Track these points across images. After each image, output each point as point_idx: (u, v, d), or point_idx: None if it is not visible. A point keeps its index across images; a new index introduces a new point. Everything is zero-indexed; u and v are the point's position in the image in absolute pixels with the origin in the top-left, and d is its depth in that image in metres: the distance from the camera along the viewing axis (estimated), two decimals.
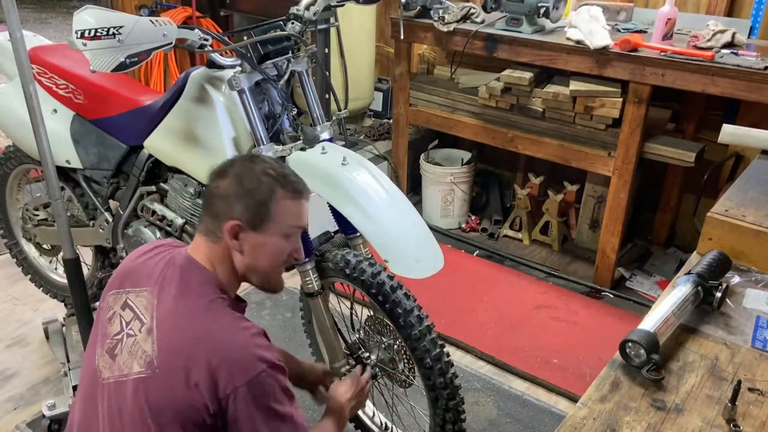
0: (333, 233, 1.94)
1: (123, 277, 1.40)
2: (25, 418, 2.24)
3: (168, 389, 1.21)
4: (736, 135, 2.07)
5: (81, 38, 1.40)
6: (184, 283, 1.31)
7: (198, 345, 1.22)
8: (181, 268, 1.33)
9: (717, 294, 1.30)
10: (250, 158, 1.40)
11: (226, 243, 1.32)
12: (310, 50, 1.83)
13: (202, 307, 1.28)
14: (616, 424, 1.03)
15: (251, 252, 1.34)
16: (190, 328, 1.25)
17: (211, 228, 1.34)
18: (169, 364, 1.23)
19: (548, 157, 3.07)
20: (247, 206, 1.31)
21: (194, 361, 1.20)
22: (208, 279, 1.32)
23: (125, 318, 1.33)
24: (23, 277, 2.73)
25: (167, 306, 1.29)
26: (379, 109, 4.15)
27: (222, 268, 1.35)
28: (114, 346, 1.31)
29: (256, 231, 1.32)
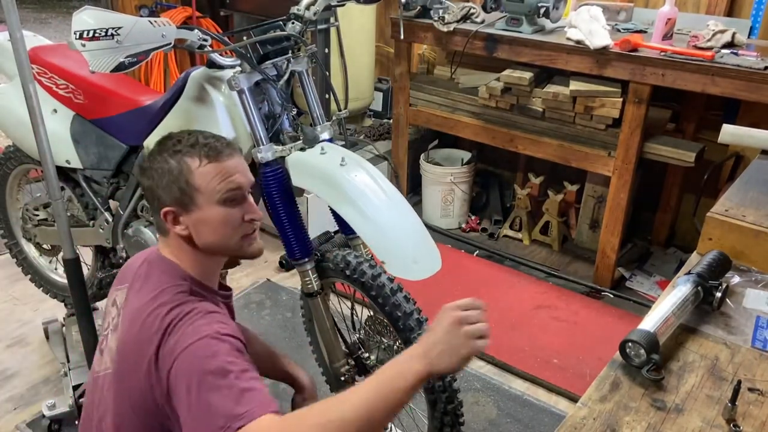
0: (333, 233, 1.94)
1: (118, 276, 1.44)
2: (25, 418, 2.24)
3: (127, 383, 1.23)
4: (736, 135, 2.07)
5: (80, 39, 1.40)
6: (147, 277, 1.31)
7: (143, 333, 1.20)
8: (149, 263, 1.35)
9: (717, 294, 1.30)
10: (159, 144, 1.34)
11: (173, 232, 1.30)
12: (310, 50, 1.83)
13: (154, 297, 1.25)
14: (616, 424, 1.03)
15: (199, 231, 1.29)
16: (138, 320, 1.23)
17: (157, 224, 1.35)
18: (123, 359, 1.25)
19: (548, 157, 3.07)
20: (168, 190, 1.28)
21: (142, 351, 1.19)
22: (169, 269, 1.31)
23: (111, 315, 1.37)
24: (23, 277, 2.72)
25: (130, 301, 1.31)
26: (379, 109, 4.15)
27: (185, 256, 1.32)
28: (102, 342, 1.37)
29: (190, 210, 1.28)
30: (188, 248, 1.32)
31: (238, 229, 1.32)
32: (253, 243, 1.37)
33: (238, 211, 1.31)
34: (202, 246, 1.31)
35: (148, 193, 1.33)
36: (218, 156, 1.30)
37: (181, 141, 1.31)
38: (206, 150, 1.29)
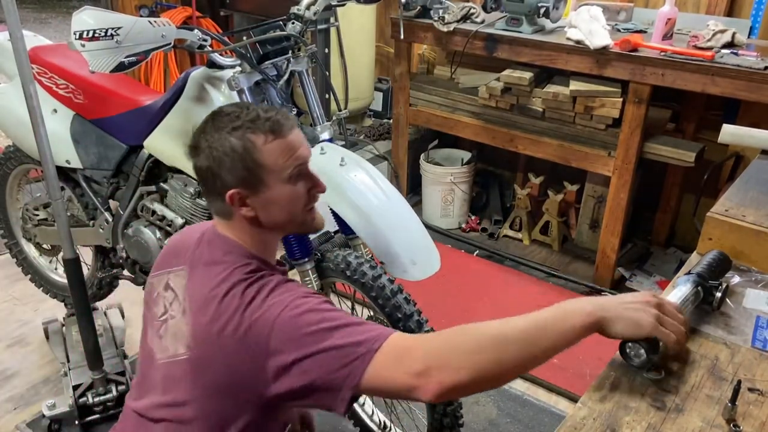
0: (333, 233, 1.94)
1: (165, 258, 1.36)
2: (25, 418, 2.24)
3: (209, 367, 1.16)
4: (736, 135, 2.07)
5: (79, 39, 1.40)
6: (209, 257, 1.24)
7: (223, 315, 1.15)
8: (208, 243, 1.27)
9: (717, 294, 1.30)
10: (213, 120, 1.25)
11: (239, 215, 1.23)
12: (310, 50, 1.83)
13: (224, 279, 1.19)
14: (616, 424, 1.03)
15: (267, 211, 1.23)
16: (212, 303, 1.17)
17: (219, 208, 1.25)
18: (201, 343, 1.17)
19: (548, 157, 3.07)
20: (232, 170, 1.19)
21: (224, 332, 1.13)
22: (232, 248, 1.24)
23: (168, 299, 1.29)
24: (23, 277, 2.73)
25: (195, 284, 1.24)
26: (379, 109, 4.15)
27: (248, 237, 1.25)
28: (160, 327, 1.28)
29: (258, 190, 1.21)
30: (252, 228, 1.25)
31: (307, 203, 1.27)
32: (315, 216, 1.31)
33: (303, 186, 1.25)
34: (267, 225, 1.25)
35: (206, 174, 1.23)
36: (282, 130, 1.22)
37: (239, 116, 1.22)
38: (269, 124, 1.21)
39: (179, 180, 1.96)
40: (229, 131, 1.20)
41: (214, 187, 1.23)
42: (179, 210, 1.98)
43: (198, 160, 1.24)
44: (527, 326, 1.05)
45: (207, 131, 1.23)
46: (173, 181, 1.98)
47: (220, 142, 1.20)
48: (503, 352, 1.02)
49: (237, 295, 1.15)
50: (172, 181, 1.98)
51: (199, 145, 1.23)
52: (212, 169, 1.21)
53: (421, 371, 1.00)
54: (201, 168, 1.24)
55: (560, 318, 1.05)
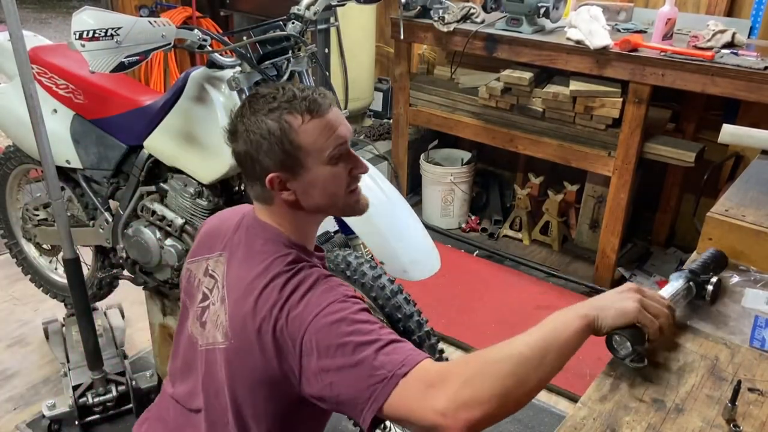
0: (333, 233, 1.94)
1: (202, 243, 1.34)
2: (25, 418, 2.24)
3: (245, 359, 1.14)
4: (736, 135, 2.07)
5: (79, 39, 1.40)
6: (249, 245, 1.21)
7: (262, 307, 1.12)
8: (247, 229, 1.24)
9: (708, 287, 1.30)
10: (249, 101, 1.21)
11: (280, 199, 1.19)
12: (310, 50, 1.83)
13: (264, 269, 1.16)
14: (616, 424, 1.03)
15: (308, 194, 1.18)
16: (251, 294, 1.14)
17: (259, 193, 1.21)
18: (239, 334, 1.15)
19: (548, 157, 3.07)
20: (270, 153, 1.15)
21: (262, 327, 1.11)
22: (272, 236, 1.20)
23: (208, 286, 1.26)
24: (23, 277, 2.72)
25: (234, 272, 1.21)
26: (379, 109, 4.15)
27: (288, 222, 1.21)
28: (202, 314, 1.26)
29: (298, 173, 1.16)
30: (292, 213, 1.21)
31: (349, 183, 1.21)
32: (359, 198, 1.26)
33: (344, 167, 1.20)
34: (309, 208, 1.21)
35: (244, 159, 1.18)
36: (320, 109, 1.16)
37: (275, 97, 1.17)
38: (306, 104, 1.16)
39: (179, 180, 1.96)
40: (266, 113, 1.16)
41: (253, 172, 1.19)
42: (179, 210, 1.98)
43: (236, 145, 1.19)
44: (537, 342, 1.03)
45: (244, 115, 1.19)
46: (173, 181, 1.98)
47: (256, 125, 1.16)
48: (524, 373, 1.00)
49: (276, 288, 1.12)
50: (172, 181, 1.98)
51: (236, 130, 1.19)
52: (250, 154, 1.17)
53: (447, 410, 0.96)
54: (239, 153, 1.19)
55: (561, 328, 1.05)
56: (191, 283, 1.32)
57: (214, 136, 1.80)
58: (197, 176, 1.89)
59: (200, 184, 1.91)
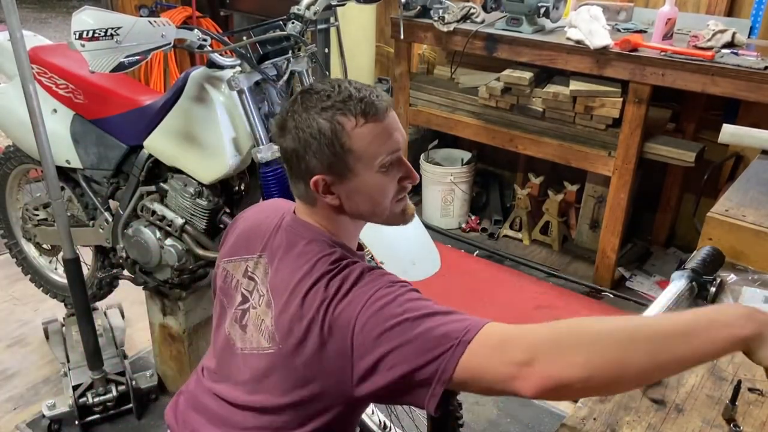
0: None
1: (236, 244, 1.29)
2: (25, 418, 2.24)
3: (292, 363, 1.10)
4: (736, 135, 2.07)
5: (79, 39, 1.40)
6: (290, 247, 1.16)
7: (306, 311, 1.07)
8: (287, 230, 1.19)
9: (711, 289, 1.31)
10: (302, 98, 1.13)
11: (323, 202, 1.14)
12: (310, 50, 1.83)
13: (309, 270, 1.11)
14: (616, 424, 1.03)
15: (353, 200, 1.13)
16: (296, 296, 1.10)
17: (302, 192, 1.16)
18: (286, 338, 1.10)
19: (548, 157, 3.07)
20: (319, 154, 1.09)
21: (309, 328, 1.06)
22: (315, 236, 1.16)
23: (248, 288, 1.22)
24: (23, 277, 2.72)
25: (278, 275, 1.16)
26: None
27: (330, 224, 1.17)
28: (242, 317, 1.21)
29: (345, 177, 1.11)
30: (335, 216, 1.16)
31: (397, 192, 1.16)
32: (407, 208, 1.20)
33: (395, 175, 1.13)
34: (353, 214, 1.16)
35: (291, 157, 1.13)
36: (376, 113, 1.09)
37: (330, 95, 1.10)
38: (362, 106, 1.08)
39: (179, 180, 1.96)
40: (318, 111, 1.09)
41: (298, 171, 1.13)
42: (179, 210, 1.98)
43: (284, 141, 1.13)
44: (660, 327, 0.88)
45: (295, 110, 1.12)
46: (173, 181, 1.98)
47: (307, 123, 1.09)
48: (628, 352, 0.85)
49: (321, 288, 1.08)
50: (172, 181, 1.98)
51: (285, 125, 1.13)
52: (298, 152, 1.11)
53: (524, 360, 0.87)
54: (286, 149, 1.13)
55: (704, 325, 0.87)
56: (228, 284, 1.27)
57: (214, 136, 1.80)
58: (197, 176, 1.89)
59: (200, 184, 1.91)
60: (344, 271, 1.09)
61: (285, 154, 1.15)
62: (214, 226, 1.97)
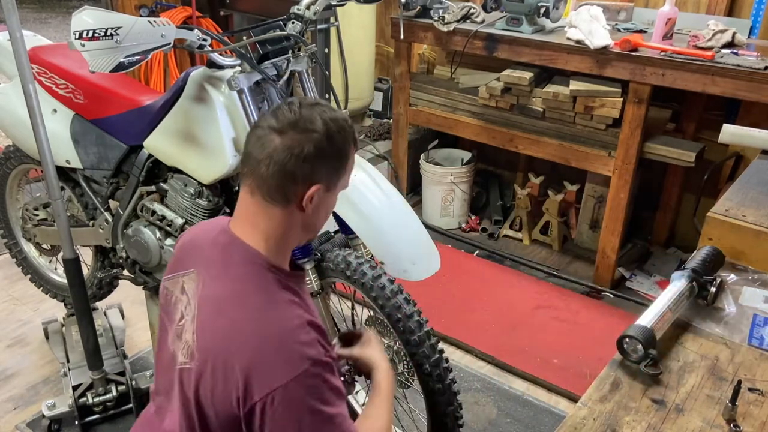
0: (333, 233, 1.94)
1: (175, 261, 1.31)
2: (25, 418, 2.24)
3: (207, 382, 1.12)
4: (736, 135, 2.07)
5: (79, 39, 1.40)
6: (223, 264, 1.18)
7: (233, 338, 1.10)
8: (223, 247, 1.20)
9: (711, 289, 1.31)
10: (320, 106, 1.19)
11: (295, 206, 1.15)
12: (310, 50, 1.83)
13: (239, 292, 1.14)
14: (616, 424, 1.03)
15: (318, 214, 1.20)
16: (222, 317, 1.12)
17: (281, 191, 1.14)
18: (205, 358, 1.12)
19: (548, 157, 3.07)
20: (332, 167, 1.16)
21: (228, 357, 1.09)
22: (251, 257, 1.17)
23: (183, 303, 1.24)
24: (23, 277, 2.72)
25: (206, 291, 1.18)
26: (379, 109, 4.15)
27: (279, 234, 1.18)
28: (180, 333, 1.23)
29: (329, 191, 1.18)
30: (291, 230, 1.19)
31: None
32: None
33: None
34: (303, 225, 1.20)
35: (302, 162, 1.13)
36: (357, 145, 1.23)
37: (347, 119, 1.20)
38: (354, 137, 1.21)
39: (179, 180, 1.96)
40: (337, 130, 1.18)
41: (300, 172, 1.14)
42: (179, 210, 1.98)
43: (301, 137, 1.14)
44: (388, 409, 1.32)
45: (323, 115, 1.18)
46: (173, 181, 1.98)
47: (339, 134, 1.17)
48: None
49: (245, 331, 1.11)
50: (172, 181, 1.98)
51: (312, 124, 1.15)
52: (315, 156, 1.14)
53: None
54: (301, 146, 1.14)
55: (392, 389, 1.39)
56: (169, 301, 1.29)
57: (214, 136, 1.80)
58: (197, 176, 1.89)
59: (200, 184, 1.91)
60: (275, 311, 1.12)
61: (287, 150, 1.12)
62: None
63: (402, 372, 1.79)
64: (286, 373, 1.06)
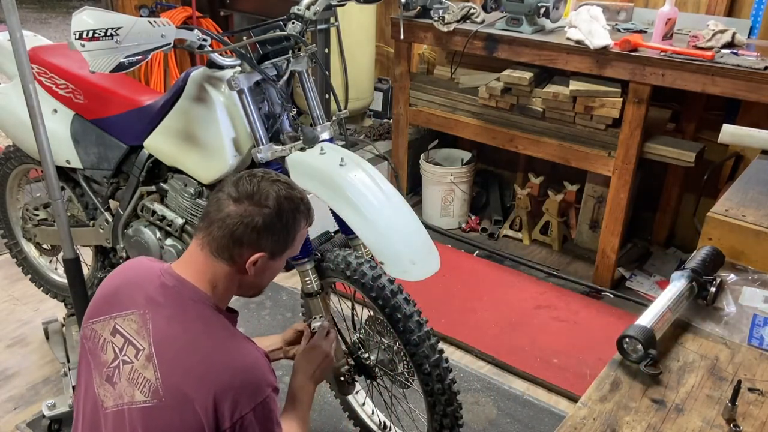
0: (333, 233, 1.94)
1: (103, 303, 1.34)
2: (25, 418, 2.24)
3: (172, 418, 1.19)
4: (736, 135, 2.07)
5: (79, 39, 1.40)
6: (177, 304, 1.27)
7: (203, 371, 1.20)
8: (173, 289, 1.28)
9: (711, 289, 1.31)
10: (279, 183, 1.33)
11: (239, 267, 1.29)
12: (310, 50, 1.83)
13: (202, 331, 1.25)
14: (616, 424, 1.03)
15: (260, 275, 1.34)
16: (193, 354, 1.22)
17: (227, 251, 1.28)
18: (174, 392, 1.19)
19: (548, 157, 3.07)
20: (277, 240, 1.30)
21: (200, 388, 1.18)
22: (201, 298, 1.28)
23: (117, 344, 1.28)
24: (23, 277, 2.73)
25: (163, 330, 1.24)
26: (379, 109, 4.15)
27: (223, 285, 1.31)
28: (112, 375, 1.27)
29: (273, 259, 1.32)
30: (233, 284, 1.32)
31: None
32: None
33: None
34: (248, 284, 1.35)
35: (249, 230, 1.27)
36: (310, 222, 1.39)
37: (303, 199, 1.35)
38: (312, 214, 1.38)
39: (179, 180, 1.96)
40: (297, 209, 1.33)
41: (246, 238, 1.28)
42: (179, 210, 1.98)
43: (252, 209, 1.28)
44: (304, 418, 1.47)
45: (274, 191, 1.31)
46: (173, 181, 1.98)
47: (288, 211, 1.31)
48: None
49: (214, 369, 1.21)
50: (172, 181, 1.98)
51: (263, 198, 1.29)
52: (256, 225, 1.28)
53: None
54: (251, 215, 1.27)
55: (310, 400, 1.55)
56: (95, 344, 1.31)
57: (214, 136, 1.80)
58: (197, 176, 1.89)
59: (200, 184, 1.91)
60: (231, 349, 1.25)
61: (244, 218, 1.26)
62: None
63: (402, 372, 1.79)
64: (254, 399, 1.20)
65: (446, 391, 1.69)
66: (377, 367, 1.85)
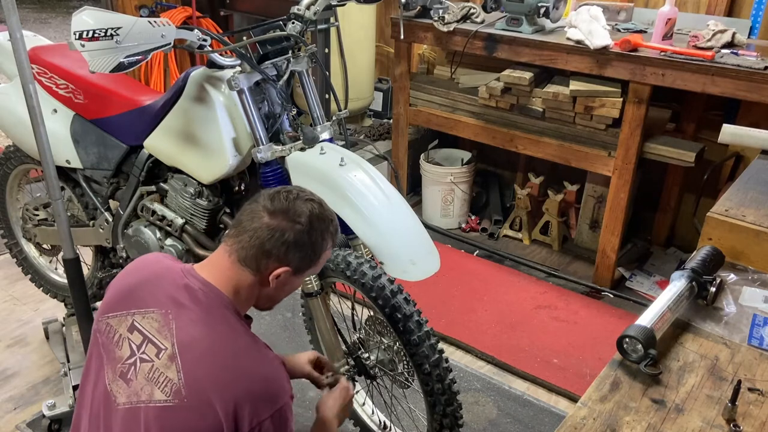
0: None
1: (120, 298, 1.34)
2: (25, 418, 2.24)
3: (191, 419, 1.20)
4: (736, 135, 2.07)
5: (79, 39, 1.40)
6: (202, 307, 1.28)
7: (227, 375, 1.21)
8: (199, 291, 1.29)
9: (711, 289, 1.31)
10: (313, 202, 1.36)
11: (263, 278, 1.31)
12: (310, 50, 1.83)
13: (227, 335, 1.26)
14: (616, 424, 1.03)
15: (280, 289, 1.36)
16: (217, 357, 1.23)
17: (255, 261, 1.30)
18: (197, 394, 1.20)
19: (548, 157, 3.07)
20: (304, 257, 1.33)
21: (223, 393, 1.20)
22: (226, 303, 1.30)
23: (134, 341, 1.28)
24: (23, 277, 2.73)
25: (189, 332, 1.25)
26: (379, 109, 4.15)
27: (245, 294, 1.33)
28: (127, 371, 1.26)
29: (296, 275, 1.35)
30: (255, 291, 1.34)
31: None
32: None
33: None
34: (266, 296, 1.37)
35: (280, 244, 1.30)
36: (335, 244, 1.42)
37: (333, 220, 1.39)
38: (336, 237, 1.41)
39: (179, 180, 1.96)
40: (329, 231, 1.37)
41: (276, 251, 1.30)
42: (179, 210, 1.98)
43: (286, 224, 1.31)
44: None
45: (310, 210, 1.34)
46: (173, 181, 1.98)
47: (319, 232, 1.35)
48: None
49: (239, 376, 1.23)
50: (172, 181, 1.98)
51: (297, 214, 1.32)
52: (291, 243, 1.31)
53: None
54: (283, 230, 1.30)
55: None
56: (110, 339, 1.31)
57: (214, 136, 1.80)
58: (197, 176, 1.90)
59: (200, 184, 1.91)
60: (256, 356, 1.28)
61: (271, 231, 1.29)
62: (214, 226, 1.97)
63: (402, 372, 1.79)
64: (273, 405, 1.23)
65: (446, 391, 1.69)
66: (377, 367, 1.85)
